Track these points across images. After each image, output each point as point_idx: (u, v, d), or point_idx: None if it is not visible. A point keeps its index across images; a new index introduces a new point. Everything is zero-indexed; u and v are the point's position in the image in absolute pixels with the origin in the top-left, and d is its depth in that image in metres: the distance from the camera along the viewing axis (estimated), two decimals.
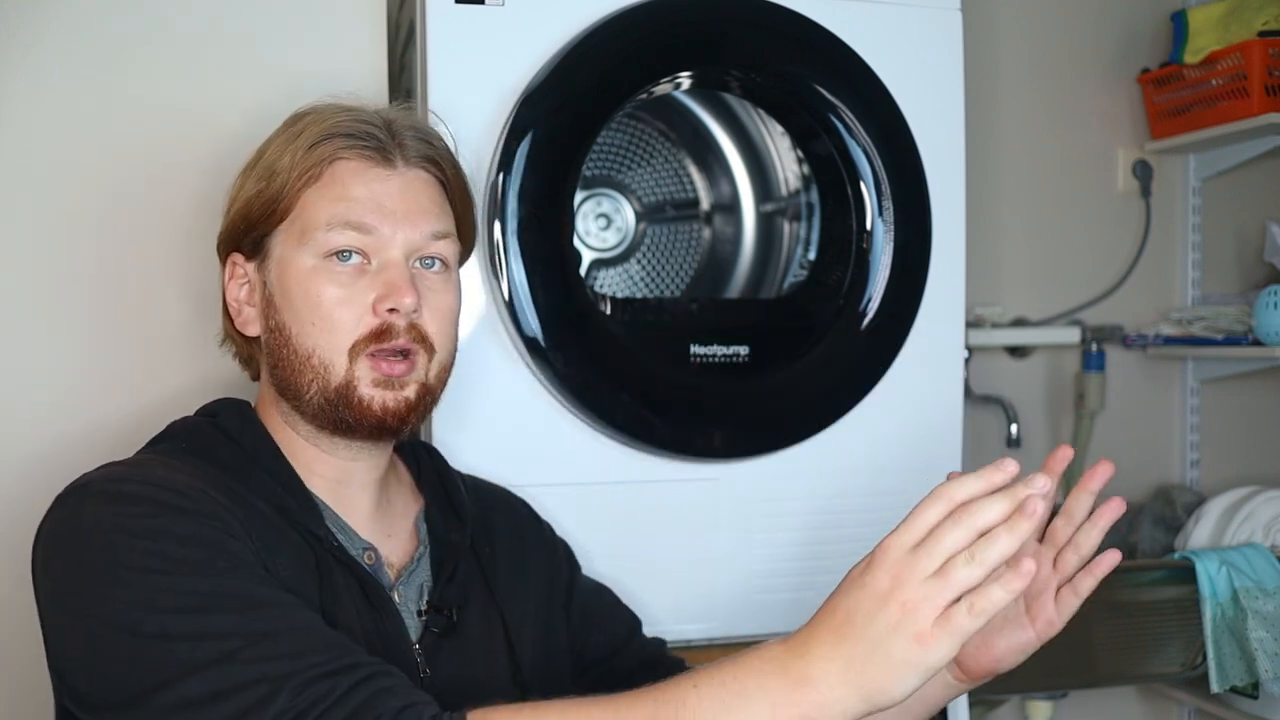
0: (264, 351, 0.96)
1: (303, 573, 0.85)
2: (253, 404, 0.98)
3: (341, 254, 0.91)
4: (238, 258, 0.96)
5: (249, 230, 0.94)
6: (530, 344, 1.22)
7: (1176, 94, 2.00)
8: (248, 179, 0.95)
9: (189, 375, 1.23)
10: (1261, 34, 1.84)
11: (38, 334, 1.19)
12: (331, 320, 0.90)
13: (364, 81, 1.27)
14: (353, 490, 0.96)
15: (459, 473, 1.08)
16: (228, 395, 0.99)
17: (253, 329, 0.96)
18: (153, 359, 1.23)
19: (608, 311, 1.43)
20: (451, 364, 0.97)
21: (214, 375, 1.20)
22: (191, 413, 0.97)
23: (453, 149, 1.00)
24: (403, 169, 0.94)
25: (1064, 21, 2.07)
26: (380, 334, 0.90)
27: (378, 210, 0.91)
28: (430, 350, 0.93)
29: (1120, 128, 2.10)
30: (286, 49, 1.26)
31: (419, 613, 0.94)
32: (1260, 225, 2.13)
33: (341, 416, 0.90)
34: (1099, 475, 0.94)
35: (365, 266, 0.91)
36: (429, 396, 0.94)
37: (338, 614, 0.86)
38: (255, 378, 1.00)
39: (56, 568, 0.81)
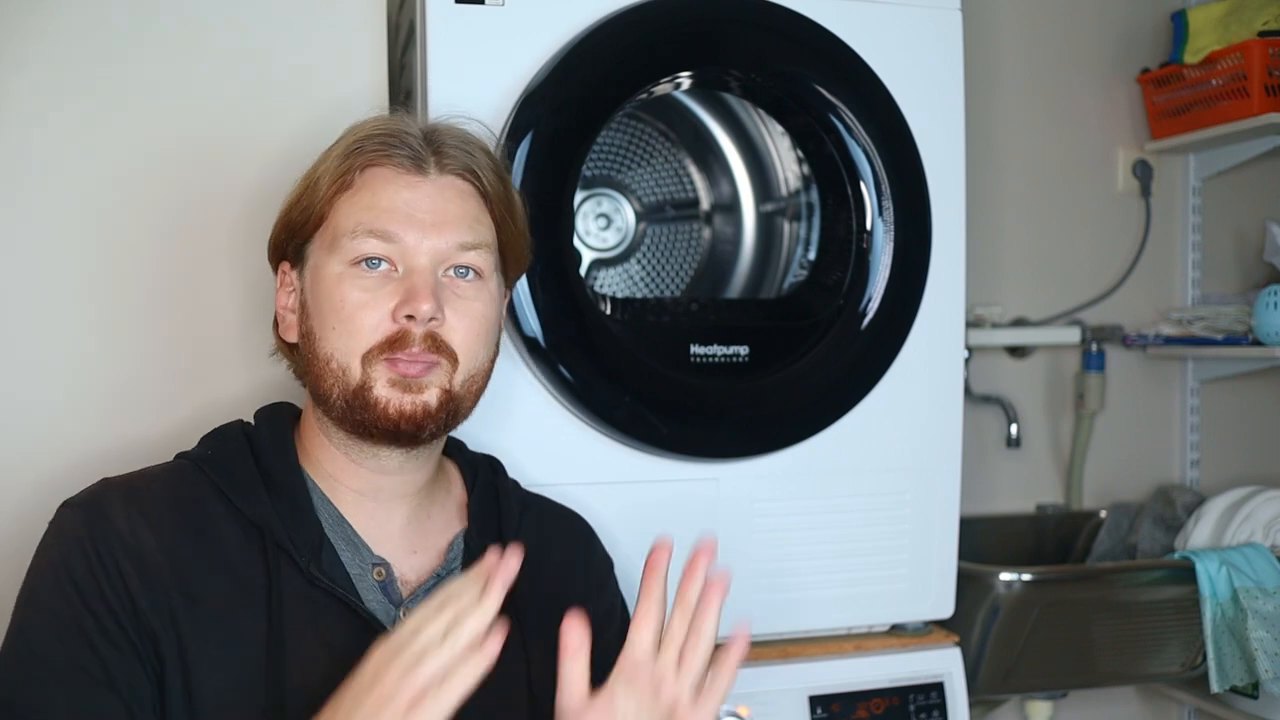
0: (301, 357, 0.96)
1: (249, 605, 0.87)
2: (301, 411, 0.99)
3: (370, 261, 0.90)
4: (286, 266, 0.97)
5: (291, 238, 0.95)
6: (530, 344, 1.22)
7: (1176, 94, 2.00)
8: (295, 187, 0.96)
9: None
10: (1261, 34, 1.85)
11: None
12: (351, 324, 0.89)
13: (364, 81, 1.27)
14: (381, 503, 0.95)
15: (524, 493, 1.07)
16: (280, 400, 1.01)
17: (291, 335, 0.97)
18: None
19: (608, 311, 1.43)
20: (484, 373, 0.96)
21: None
22: (245, 415, 1.00)
23: (493, 145, 0.99)
24: (435, 176, 0.93)
25: (1064, 22, 2.07)
26: (395, 341, 0.89)
27: (406, 219, 0.90)
28: (454, 360, 0.91)
29: (1120, 128, 2.10)
30: (285, 49, 1.26)
31: None
32: (1260, 225, 2.12)
33: (359, 419, 0.90)
34: (701, 559, 0.90)
35: (392, 274, 0.91)
36: (453, 404, 0.92)
37: (301, 645, 0.87)
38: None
39: None
